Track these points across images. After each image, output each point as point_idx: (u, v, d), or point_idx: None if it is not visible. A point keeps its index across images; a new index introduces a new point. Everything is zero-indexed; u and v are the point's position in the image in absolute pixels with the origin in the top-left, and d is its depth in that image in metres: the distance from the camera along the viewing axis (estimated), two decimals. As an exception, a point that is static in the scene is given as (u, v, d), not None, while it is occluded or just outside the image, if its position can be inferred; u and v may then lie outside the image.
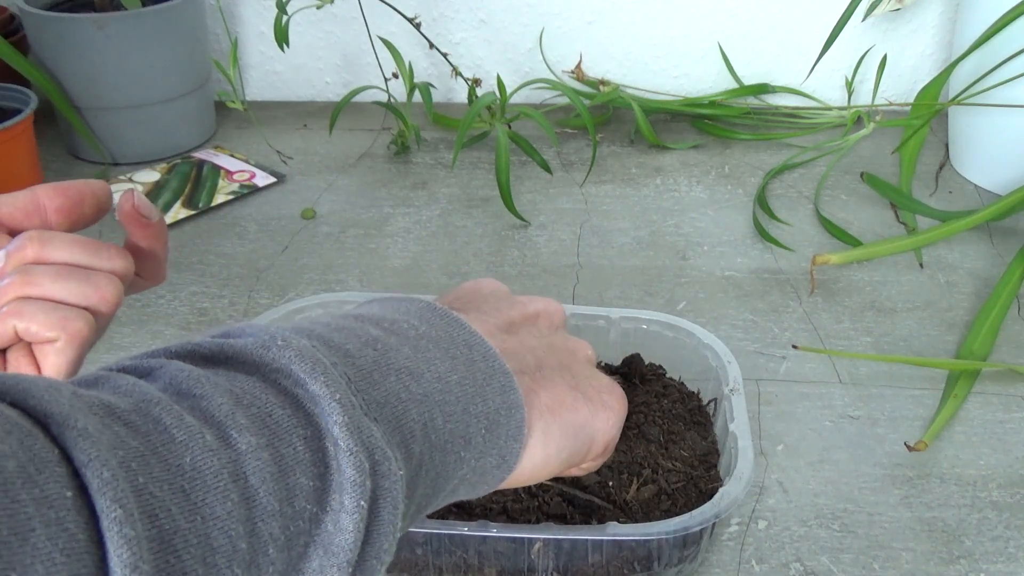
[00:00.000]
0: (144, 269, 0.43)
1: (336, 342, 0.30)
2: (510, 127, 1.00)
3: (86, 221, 0.41)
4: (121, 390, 0.25)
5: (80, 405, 0.23)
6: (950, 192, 0.99)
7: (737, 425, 0.53)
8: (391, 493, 0.27)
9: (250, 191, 0.98)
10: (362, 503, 0.26)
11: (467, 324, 0.33)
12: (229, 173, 1.01)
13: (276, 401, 0.26)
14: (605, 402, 0.37)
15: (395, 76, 1.04)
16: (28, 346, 0.38)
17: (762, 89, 1.15)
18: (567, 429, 0.35)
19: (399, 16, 1.02)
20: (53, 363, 0.38)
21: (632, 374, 0.60)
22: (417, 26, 1.01)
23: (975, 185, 1.00)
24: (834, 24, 1.02)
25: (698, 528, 0.48)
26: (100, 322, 0.39)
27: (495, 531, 0.48)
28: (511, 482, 0.35)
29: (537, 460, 0.34)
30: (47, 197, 0.40)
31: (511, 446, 0.33)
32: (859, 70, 1.13)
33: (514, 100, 1.07)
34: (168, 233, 0.43)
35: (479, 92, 1.02)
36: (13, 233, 0.40)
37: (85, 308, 0.38)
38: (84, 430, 0.22)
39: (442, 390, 0.31)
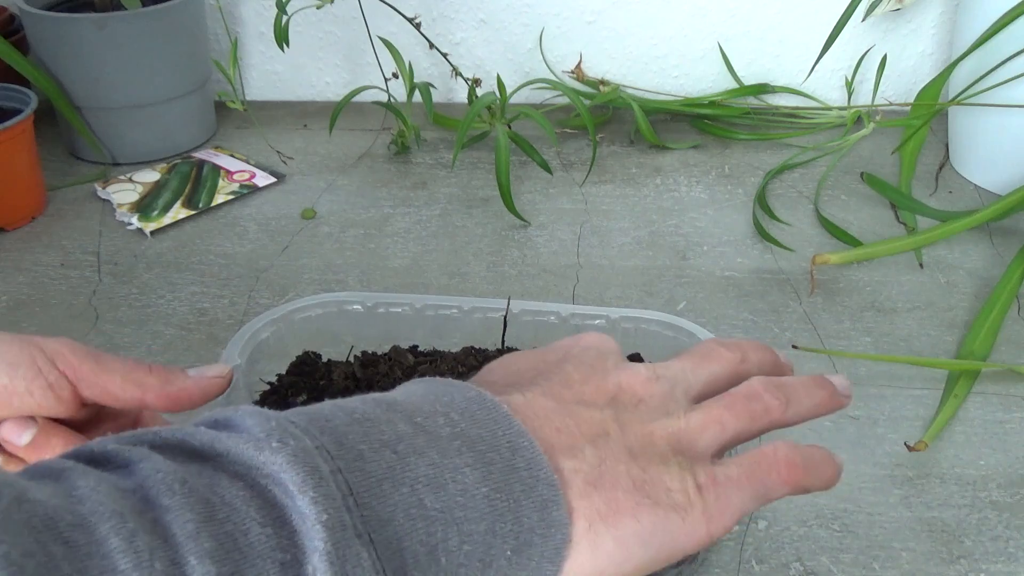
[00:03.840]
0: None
1: (351, 440, 0.27)
2: (510, 127, 1.00)
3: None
4: (76, 494, 0.23)
5: (17, 518, 0.21)
6: (950, 192, 0.99)
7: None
8: None
9: (250, 191, 0.98)
10: None
11: (516, 424, 0.29)
12: (229, 173, 1.01)
13: (257, 517, 0.24)
14: (677, 504, 0.30)
15: (395, 76, 1.04)
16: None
17: (762, 89, 1.15)
18: (626, 541, 0.30)
19: (399, 16, 1.02)
20: None
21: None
22: (417, 26, 1.01)
23: (975, 185, 1.00)
24: (834, 24, 1.02)
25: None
26: None
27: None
28: None
29: (586, 574, 0.30)
30: (154, 404, 0.40)
31: (545, 568, 0.29)
32: (859, 70, 1.13)
33: (514, 100, 1.07)
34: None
35: (479, 92, 1.02)
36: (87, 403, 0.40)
37: None
38: (6, 555, 0.20)
39: (464, 505, 0.27)
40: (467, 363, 0.54)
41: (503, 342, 0.55)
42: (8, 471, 0.23)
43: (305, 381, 0.54)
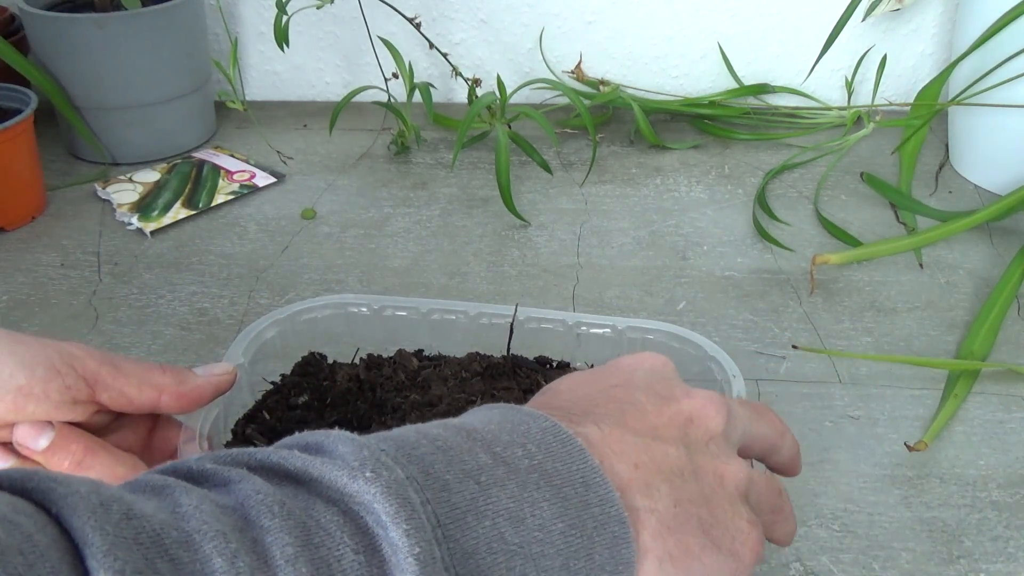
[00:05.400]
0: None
1: (437, 470, 0.27)
2: (510, 127, 1.00)
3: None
4: (180, 511, 0.24)
5: (127, 534, 0.22)
6: (950, 192, 0.99)
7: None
8: None
9: (250, 191, 0.98)
10: None
11: (589, 458, 0.30)
12: (229, 173, 1.01)
13: (351, 543, 0.25)
14: (736, 551, 0.32)
15: (395, 76, 1.04)
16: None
17: (762, 89, 1.16)
18: None
19: (399, 16, 1.02)
20: None
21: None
22: (417, 26, 1.01)
23: (975, 185, 1.00)
24: (834, 24, 1.02)
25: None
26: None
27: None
28: None
29: None
30: (168, 405, 0.41)
31: None
32: (859, 70, 1.13)
33: (514, 100, 1.07)
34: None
35: (479, 92, 1.02)
36: (105, 409, 0.40)
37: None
38: (121, 571, 0.21)
39: (542, 540, 0.28)
40: (471, 368, 0.54)
41: (508, 348, 0.55)
42: (113, 485, 0.24)
43: (308, 382, 0.54)
